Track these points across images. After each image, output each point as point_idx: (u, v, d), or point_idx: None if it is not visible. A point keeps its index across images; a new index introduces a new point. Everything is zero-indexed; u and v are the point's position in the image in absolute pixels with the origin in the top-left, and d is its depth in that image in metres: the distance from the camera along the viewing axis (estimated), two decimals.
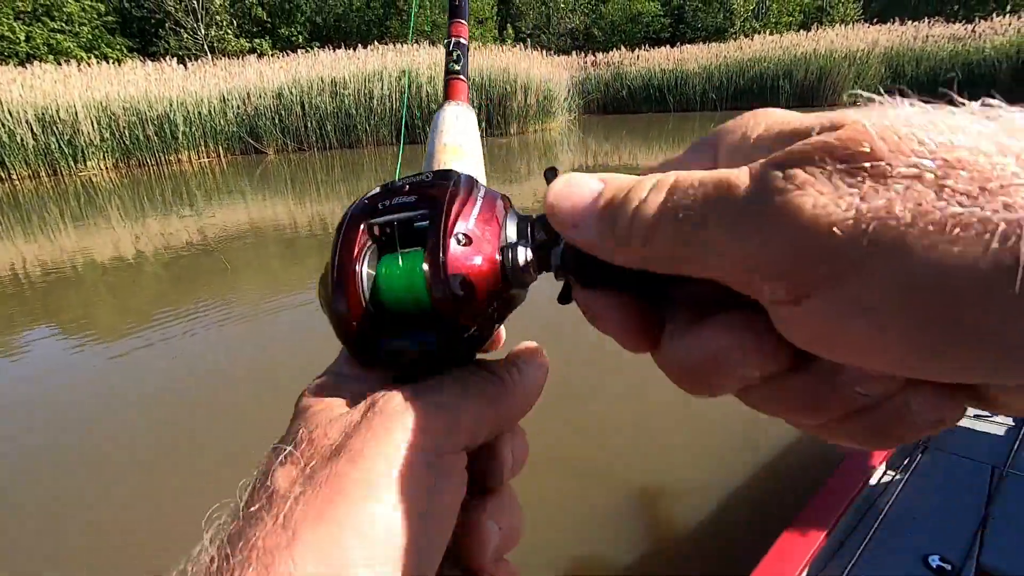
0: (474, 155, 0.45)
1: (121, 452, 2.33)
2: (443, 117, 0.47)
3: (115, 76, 11.43)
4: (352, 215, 0.31)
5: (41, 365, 3.19)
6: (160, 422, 2.53)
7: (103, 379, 3.01)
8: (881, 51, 15.34)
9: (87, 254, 5.45)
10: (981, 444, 1.58)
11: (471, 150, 0.46)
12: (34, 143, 10.23)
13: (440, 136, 0.46)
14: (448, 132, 0.46)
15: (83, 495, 2.10)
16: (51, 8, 18.47)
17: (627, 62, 18.29)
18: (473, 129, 0.48)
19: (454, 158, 0.43)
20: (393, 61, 12.41)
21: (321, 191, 8.45)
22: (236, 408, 2.60)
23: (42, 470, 2.26)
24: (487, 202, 0.30)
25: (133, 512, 1.98)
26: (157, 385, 2.88)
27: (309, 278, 4.33)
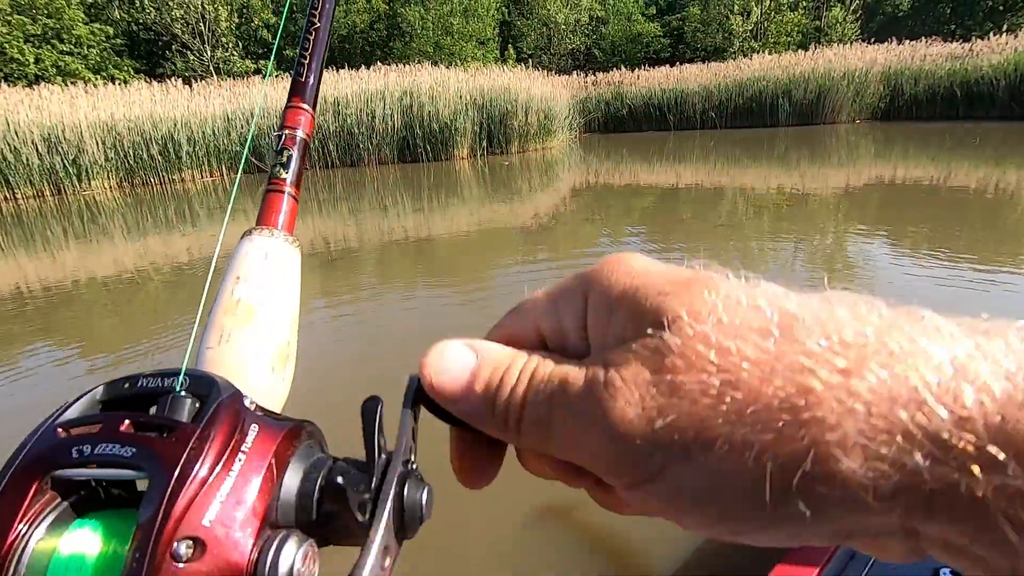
0: (277, 322, 0.33)
1: None
2: (244, 253, 0.35)
3: (120, 97, 11.59)
4: (25, 458, 0.21)
5: (40, 385, 3.16)
6: None
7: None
8: (879, 70, 15.47)
9: (88, 272, 5.46)
10: None
11: (274, 313, 0.33)
12: (39, 162, 10.34)
13: (232, 285, 0.34)
14: (245, 281, 0.34)
15: None
16: (60, 31, 18.82)
17: (627, 81, 18.49)
18: (289, 275, 0.35)
19: (243, 326, 0.32)
20: (395, 82, 12.56)
21: (323, 209, 8.49)
22: None
23: None
24: (254, 455, 0.21)
25: None
26: None
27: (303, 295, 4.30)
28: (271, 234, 0.35)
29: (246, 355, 0.32)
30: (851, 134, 13.75)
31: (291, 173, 0.38)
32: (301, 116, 0.40)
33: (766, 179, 8.59)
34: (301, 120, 0.40)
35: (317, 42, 0.45)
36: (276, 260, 0.35)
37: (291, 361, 0.34)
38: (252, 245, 0.34)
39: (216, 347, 0.32)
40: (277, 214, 0.37)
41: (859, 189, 7.42)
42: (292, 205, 0.38)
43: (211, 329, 0.32)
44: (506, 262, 5.07)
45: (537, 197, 8.27)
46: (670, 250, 5.07)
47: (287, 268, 0.35)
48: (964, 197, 6.54)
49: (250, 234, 0.35)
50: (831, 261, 4.61)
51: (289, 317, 0.34)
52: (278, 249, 0.35)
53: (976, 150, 9.98)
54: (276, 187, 0.38)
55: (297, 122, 0.40)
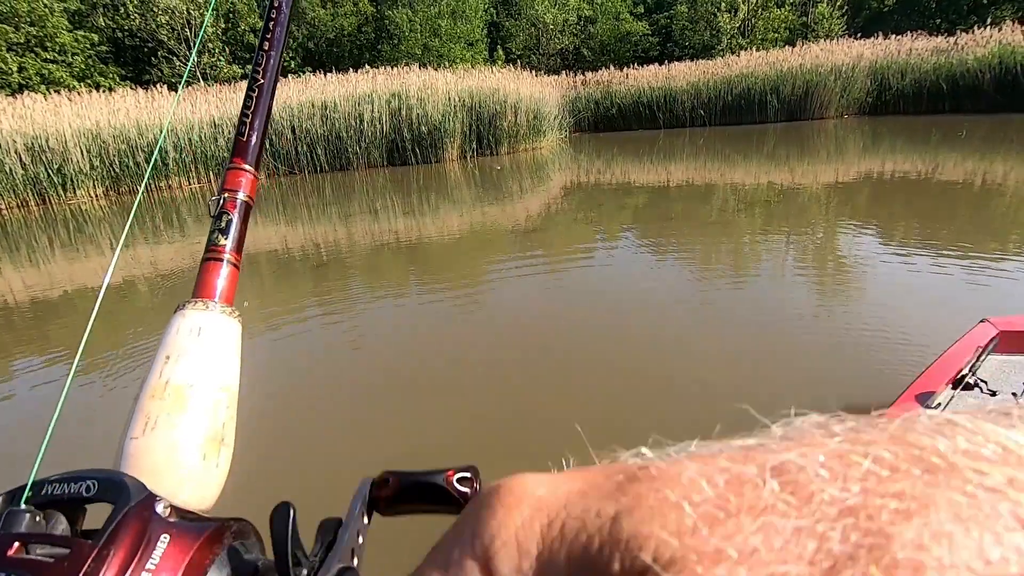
0: (210, 404, 0.30)
1: None
2: (175, 330, 0.32)
3: (105, 104, 11.47)
4: None
5: (30, 395, 3.09)
6: None
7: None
8: (866, 65, 15.55)
9: (75, 282, 5.38)
10: None
11: (208, 394, 0.30)
12: (23, 172, 10.21)
13: (161, 366, 0.31)
14: (176, 360, 0.30)
15: None
16: (44, 39, 18.61)
17: (616, 80, 18.50)
18: (226, 351, 0.32)
19: (172, 411, 0.29)
20: (384, 84, 12.50)
21: (312, 214, 8.42)
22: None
23: None
24: (163, 570, 0.19)
25: None
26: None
27: (295, 300, 4.26)
28: (206, 307, 0.33)
29: (174, 444, 0.29)
30: (839, 129, 13.81)
31: (231, 239, 0.36)
32: (242, 178, 0.38)
33: (756, 175, 8.60)
34: (242, 182, 0.38)
35: (261, 99, 0.42)
36: (211, 336, 0.32)
37: (226, 446, 0.32)
38: (184, 321, 0.32)
39: (140, 437, 0.29)
40: (214, 284, 0.34)
41: (848, 184, 7.44)
42: (232, 273, 0.35)
43: (136, 416, 0.29)
44: (496, 264, 5.03)
45: (528, 198, 8.23)
46: (664, 248, 5.05)
47: (224, 343, 0.32)
48: (952, 190, 6.56)
49: (183, 308, 0.32)
50: (822, 255, 4.60)
51: (226, 397, 0.31)
52: (214, 323, 0.32)
53: (963, 143, 10.04)
54: (214, 255, 0.35)
55: (238, 184, 0.37)
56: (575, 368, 2.88)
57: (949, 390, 1.81)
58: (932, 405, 1.69)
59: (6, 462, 2.42)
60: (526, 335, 3.37)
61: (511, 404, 2.59)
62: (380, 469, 0.24)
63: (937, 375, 1.86)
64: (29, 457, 0.25)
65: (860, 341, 2.93)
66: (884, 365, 2.64)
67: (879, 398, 2.02)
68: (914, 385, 1.83)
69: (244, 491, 0.53)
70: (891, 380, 2.33)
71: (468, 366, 3.04)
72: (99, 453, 0.39)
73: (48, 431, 0.29)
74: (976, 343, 1.99)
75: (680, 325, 3.36)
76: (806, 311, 3.47)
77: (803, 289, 3.90)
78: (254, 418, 2.52)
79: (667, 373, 2.78)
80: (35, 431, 2.75)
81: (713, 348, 3.00)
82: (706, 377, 2.66)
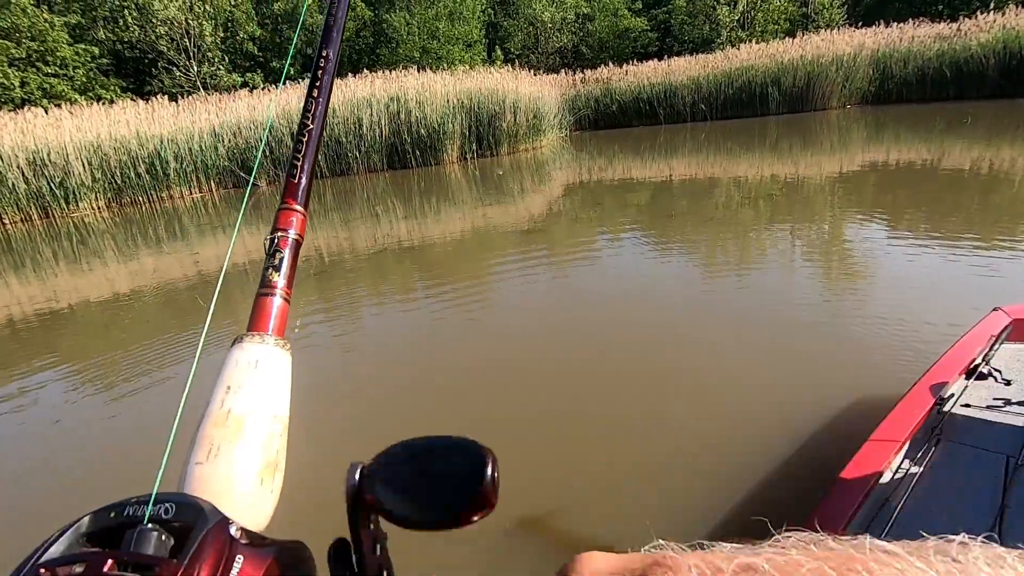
0: (267, 432, 0.32)
1: None
2: (234, 362, 0.34)
3: (105, 116, 11.52)
4: None
5: (42, 410, 3.07)
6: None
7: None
8: (868, 54, 15.39)
9: (80, 295, 5.39)
10: (994, 434, 1.55)
11: (264, 422, 0.32)
12: (25, 187, 10.26)
13: (223, 396, 0.32)
14: (236, 391, 0.32)
15: None
16: (45, 53, 18.74)
17: (616, 77, 18.41)
18: (279, 381, 0.34)
19: (232, 439, 0.30)
20: (382, 88, 12.48)
21: (313, 219, 8.41)
22: None
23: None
24: None
25: None
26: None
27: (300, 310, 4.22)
28: (262, 340, 0.35)
29: (235, 470, 0.31)
30: (842, 119, 13.68)
31: (283, 276, 0.38)
32: (293, 217, 0.41)
33: (759, 168, 8.52)
34: (293, 221, 0.40)
35: (310, 144, 0.46)
36: (267, 367, 0.34)
37: (279, 471, 0.34)
38: (243, 353, 0.34)
39: (205, 463, 0.31)
40: (268, 318, 0.36)
41: (853, 174, 7.34)
42: (283, 308, 0.37)
43: (200, 443, 0.31)
44: (500, 267, 4.99)
45: (529, 198, 8.18)
46: (668, 245, 4.99)
47: (278, 374, 0.34)
48: (958, 177, 6.46)
49: (240, 341, 0.34)
50: (828, 247, 4.53)
51: (280, 425, 0.33)
52: (269, 355, 0.34)
53: (968, 130, 9.91)
54: (268, 290, 0.37)
55: (290, 223, 0.40)
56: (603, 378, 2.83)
57: (963, 380, 1.78)
58: (946, 396, 1.67)
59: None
60: (538, 336, 3.32)
61: (539, 400, 2.55)
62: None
63: (950, 365, 1.83)
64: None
65: (871, 332, 2.90)
66: (896, 356, 2.61)
67: (892, 389, 2.01)
68: (927, 376, 1.80)
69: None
70: (904, 371, 2.29)
71: (486, 367, 2.99)
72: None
73: (168, 446, 0.31)
74: (989, 332, 1.96)
75: (694, 319, 3.33)
76: (815, 303, 3.42)
77: (811, 281, 3.84)
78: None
79: (692, 366, 2.76)
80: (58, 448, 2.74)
81: (728, 342, 2.98)
82: (728, 372, 2.67)
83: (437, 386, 2.88)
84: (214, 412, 0.32)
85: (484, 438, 0.23)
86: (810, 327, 3.07)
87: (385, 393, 2.86)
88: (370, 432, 2.47)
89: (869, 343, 2.78)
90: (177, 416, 0.31)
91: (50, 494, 2.31)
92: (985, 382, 1.79)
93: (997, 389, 1.76)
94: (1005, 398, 1.70)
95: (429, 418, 2.56)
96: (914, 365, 2.21)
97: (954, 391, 1.71)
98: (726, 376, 2.64)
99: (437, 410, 2.63)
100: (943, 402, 1.66)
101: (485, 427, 2.42)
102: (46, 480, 2.42)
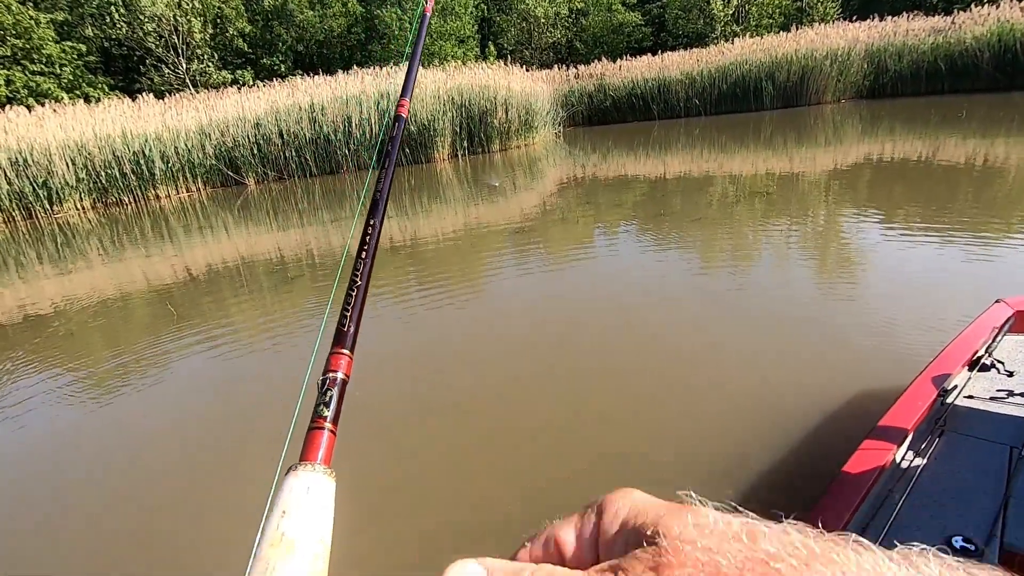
0: (314, 553, 0.35)
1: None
2: (289, 488, 0.38)
3: (90, 115, 11.31)
4: None
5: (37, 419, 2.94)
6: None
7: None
8: (862, 48, 15.29)
9: (66, 297, 5.25)
10: (998, 425, 1.56)
11: (313, 544, 0.36)
12: (8, 187, 10.06)
13: (278, 520, 0.36)
14: (290, 515, 0.36)
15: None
16: (30, 51, 18.47)
17: (609, 73, 18.26)
18: (326, 506, 0.38)
19: (284, 558, 0.34)
20: (372, 85, 12.31)
21: (302, 217, 8.28)
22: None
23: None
24: None
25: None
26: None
27: (296, 307, 4.10)
28: (313, 469, 0.39)
29: None
30: (837, 114, 13.59)
31: (331, 412, 0.43)
32: (342, 360, 0.47)
33: (753, 164, 8.42)
34: (342, 364, 0.46)
35: (358, 297, 0.53)
36: (317, 494, 0.38)
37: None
38: (297, 481, 0.38)
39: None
40: (318, 449, 0.41)
41: (848, 169, 7.24)
42: (331, 440, 0.42)
43: (257, 563, 0.34)
44: (490, 268, 4.87)
45: (521, 195, 8.06)
46: (665, 243, 4.88)
47: (325, 500, 0.38)
48: (953, 171, 6.37)
49: (295, 470, 0.39)
50: (824, 241, 4.44)
51: (324, 547, 0.37)
52: (318, 483, 0.38)
53: (963, 123, 9.83)
54: (319, 424, 0.42)
55: (339, 366, 0.46)
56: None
57: (966, 372, 1.79)
58: (949, 387, 1.67)
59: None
60: (538, 335, 3.21)
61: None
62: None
63: (953, 357, 1.83)
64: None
65: (872, 326, 2.86)
66: (898, 349, 2.58)
67: (895, 382, 2.00)
68: (930, 368, 1.79)
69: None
70: (906, 363, 2.28)
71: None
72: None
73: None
74: (991, 323, 1.97)
75: (696, 316, 3.26)
76: (814, 298, 3.37)
77: (810, 276, 3.76)
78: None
79: (693, 359, 2.64)
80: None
81: (728, 336, 2.96)
82: (728, 365, 2.64)
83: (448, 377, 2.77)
84: (269, 534, 0.35)
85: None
86: (809, 321, 3.03)
87: (400, 388, 2.75)
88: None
89: (870, 336, 2.75)
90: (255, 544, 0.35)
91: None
92: (988, 373, 1.81)
93: (1000, 380, 1.77)
94: (1008, 389, 1.71)
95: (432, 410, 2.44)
96: (916, 357, 2.21)
97: (957, 383, 1.71)
98: (726, 370, 2.62)
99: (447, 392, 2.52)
100: (946, 394, 1.65)
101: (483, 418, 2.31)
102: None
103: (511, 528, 1.78)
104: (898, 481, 1.41)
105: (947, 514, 1.29)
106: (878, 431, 1.56)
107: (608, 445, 2.21)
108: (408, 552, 1.80)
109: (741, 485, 1.88)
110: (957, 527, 1.24)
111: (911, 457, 1.49)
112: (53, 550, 2.01)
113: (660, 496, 0.25)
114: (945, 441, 1.53)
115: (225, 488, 2.18)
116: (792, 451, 2.02)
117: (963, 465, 1.43)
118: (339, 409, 0.43)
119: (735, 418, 2.26)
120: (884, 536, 1.23)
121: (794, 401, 2.30)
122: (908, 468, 1.45)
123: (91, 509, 2.20)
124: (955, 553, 1.03)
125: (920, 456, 1.48)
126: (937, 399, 1.65)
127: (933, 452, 1.49)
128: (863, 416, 2.03)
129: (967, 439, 1.52)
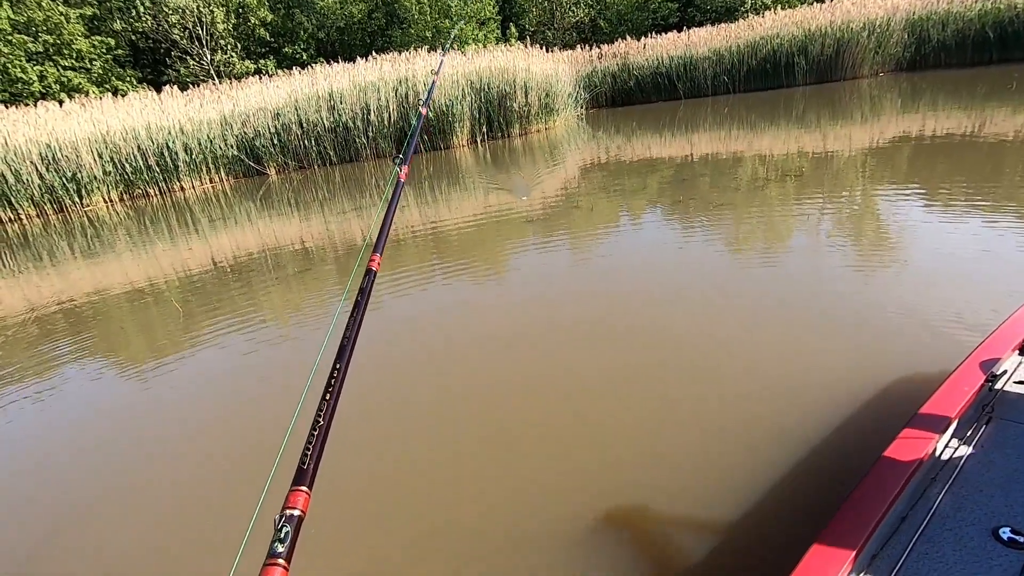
0: None
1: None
2: None
3: (116, 108, 11.49)
4: None
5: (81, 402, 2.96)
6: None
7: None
8: (903, 17, 14.47)
9: (98, 288, 5.35)
10: None
11: None
12: (39, 181, 10.31)
13: None
14: None
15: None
16: (61, 47, 18.87)
17: (633, 52, 17.75)
18: None
19: None
20: (389, 72, 12.18)
21: (323, 207, 8.26)
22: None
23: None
24: None
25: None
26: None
27: (315, 299, 4.05)
28: None
29: None
30: (874, 88, 12.93)
31: (285, 548, 0.43)
32: (300, 497, 0.46)
33: (785, 142, 8.05)
34: (299, 500, 0.46)
35: (319, 437, 0.54)
36: None
37: None
38: None
39: None
40: None
41: (886, 145, 6.85)
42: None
43: None
44: (511, 255, 4.74)
45: (540, 183, 7.87)
46: (691, 227, 4.67)
47: None
48: (1001, 146, 5.94)
49: None
50: (860, 222, 4.19)
51: None
52: None
53: (1013, 95, 9.21)
54: (272, 562, 0.43)
55: (296, 503, 0.46)
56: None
57: (1016, 356, 1.70)
58: (997, 372, 1.60)
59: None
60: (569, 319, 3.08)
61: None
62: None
63: (1002, 341, 1.72)
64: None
65: (916, 308, 2.72)
66: (943, 332, 2.46)
67: (942, 365, 1.91)
68: (978, 351, 1.68)
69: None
70: (951, 347, 2.16)
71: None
72: None
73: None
74: None
75: (740, 300, 3.13)
76: (862, 281, 3.19)
77: (855, 259, 3.55)
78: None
79: (728, 344, 2.53)
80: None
81: (769, 320, 2.88)
82: (769, 349, 2.59)
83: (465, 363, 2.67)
84: None
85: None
86: (852, 305, 2.88)
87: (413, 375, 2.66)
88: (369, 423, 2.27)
89: (915, 319, 2.62)
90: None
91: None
92: None
93: None
94: None
95: (428, 409, 2.34)
96: (962, 341, 2.11)
97: (1007, 367, 1.63)
98: (767, 352, 2.56)
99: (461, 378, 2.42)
100: (994, 379, 1.58)
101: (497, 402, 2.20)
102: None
103: (528, 539, 1.66)
104: (941, 469, 1.35)
105: (994, 504, 1.24)
106: (921, 418, 1.47)
107: (656, 436, 2.08)
108: (403, 567, 1.71)
109: (772, 479, 1.80)
110: (1005, 518, 1.18)
111: (955, 444, 1.42)
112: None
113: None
114: (993, 428, 1.45)
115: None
116: (830, 435, 1.95)
117: (1012, 453, 1.37)
118: (293, 546, 0.43)
119: (767, 401, 2.19)
120: (925, 526, 1.18)
121: (832, 386, 2.20)
122: (952, 456, 1.39)
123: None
124: (1003, 545, 1.04)
125: (965, 444, 1.41)
126: (985, 384, 1.56)
127: (979, 440, 1.42)
128: (906, 402, 1.92)
129: (1017, 426, 1.46)
